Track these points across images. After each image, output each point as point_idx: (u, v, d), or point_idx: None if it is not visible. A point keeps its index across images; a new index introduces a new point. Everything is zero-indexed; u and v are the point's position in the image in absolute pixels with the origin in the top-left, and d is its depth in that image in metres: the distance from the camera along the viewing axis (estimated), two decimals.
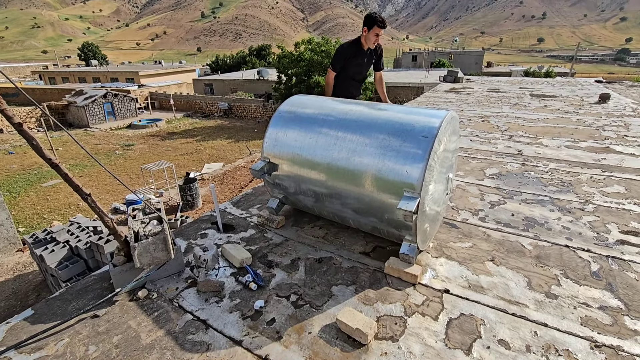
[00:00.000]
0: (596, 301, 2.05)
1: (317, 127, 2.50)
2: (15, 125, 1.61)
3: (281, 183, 2.73)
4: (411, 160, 2.04)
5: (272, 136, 2.66)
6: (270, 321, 1.94)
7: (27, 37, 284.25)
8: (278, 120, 2.70)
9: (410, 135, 2.12)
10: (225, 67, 45.30)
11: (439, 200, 2.43)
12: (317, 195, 2.56)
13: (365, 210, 2.34)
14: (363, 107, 2.55)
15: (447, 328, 1.87)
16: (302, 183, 2.59)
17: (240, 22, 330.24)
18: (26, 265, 7.65)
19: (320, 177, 2.44)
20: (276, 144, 2.63)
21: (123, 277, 2.16)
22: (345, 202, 2.42)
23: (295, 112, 2.69)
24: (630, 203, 3.29)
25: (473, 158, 4.67)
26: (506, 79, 16.48)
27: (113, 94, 24.74)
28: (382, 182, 2.16)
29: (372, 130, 2.27)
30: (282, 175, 2.68)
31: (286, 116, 2.70)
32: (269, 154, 2.68)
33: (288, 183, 2.68)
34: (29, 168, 14.97)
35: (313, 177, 2.49)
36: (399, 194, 2.08)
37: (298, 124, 2.60)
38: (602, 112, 7.54)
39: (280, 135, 2.63)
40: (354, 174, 2.26)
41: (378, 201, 2.22)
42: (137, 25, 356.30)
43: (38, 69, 55.89)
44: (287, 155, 2.58)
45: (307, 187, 2.58)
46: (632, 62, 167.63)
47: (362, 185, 2.24)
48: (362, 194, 2.27)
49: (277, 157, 2.65)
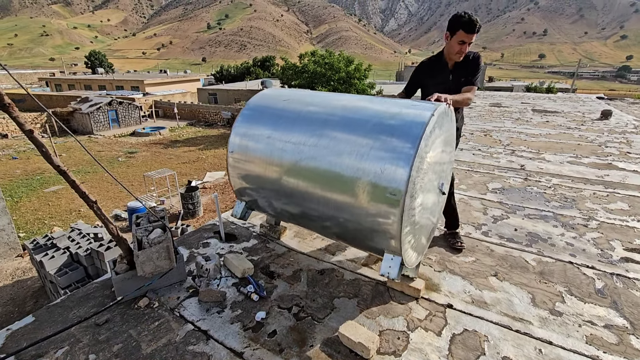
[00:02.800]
0: (601, 319, 2.03)
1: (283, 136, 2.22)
2: (27, 132, 1.64)
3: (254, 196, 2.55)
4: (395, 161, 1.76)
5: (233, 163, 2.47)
6: (271, 333, 1.92)
7: (35, 45, 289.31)
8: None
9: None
10: (230, 77, 45.85)
11: (427, 209, 2.14)
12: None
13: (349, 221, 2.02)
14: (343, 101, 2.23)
15: (450, 344, 1.84)
16: (279, 199, 2.37)
17: (245, 33, 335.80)
18: (25, 271, 7.62)
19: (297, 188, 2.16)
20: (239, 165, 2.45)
21: (125, 285, 2.16)
22: (335, 222, 2.10)
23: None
24: (634, 220, 3.28)
25: (476, 172, 4.67)
26: (508, 93, 16.61)
27: (118, 101, 25.00)
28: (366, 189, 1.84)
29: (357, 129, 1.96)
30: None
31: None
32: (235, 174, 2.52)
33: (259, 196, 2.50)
34: (32, 173, 15.05)
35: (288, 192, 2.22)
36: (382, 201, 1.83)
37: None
38: (604, 129, 7.57)
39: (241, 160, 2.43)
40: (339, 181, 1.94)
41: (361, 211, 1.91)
42: (143, 35, 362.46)
43: (45, 75, 56.66)
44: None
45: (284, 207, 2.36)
46: (633, 79, 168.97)
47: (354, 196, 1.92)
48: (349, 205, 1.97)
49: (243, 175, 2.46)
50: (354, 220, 1.95)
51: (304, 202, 2.16)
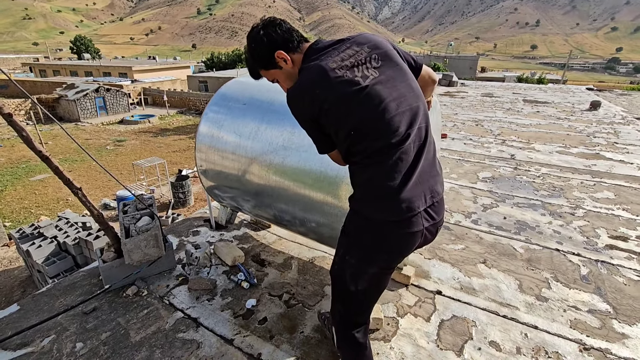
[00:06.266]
0: (585, 304, 2.08)
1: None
2: (5, 116, 1.57)
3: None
4: None
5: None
6: (262, 320, 1.92)
7: (17, 29, 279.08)
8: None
9: None
10: (221, 64, 44.97)
11: None
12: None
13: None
14: None
15: (439, 329, 1.87)
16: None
17: (236, 19, 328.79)
18: (12, 260, 7.49)
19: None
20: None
21: (113, 274, 2.13)
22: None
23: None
24: (619, 209, 3.34)
25: (466, 161, 4.70)
26: (500, 84, 16.67)
27: (105, 88, 24.39)
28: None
29: None
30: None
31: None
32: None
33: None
34: (16, 162, 14.69)
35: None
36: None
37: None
38: (592, 119, 7.67)
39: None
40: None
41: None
42: (131, 20, 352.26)
43: (28, 61, 54.82)
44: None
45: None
46: (621, 71, 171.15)
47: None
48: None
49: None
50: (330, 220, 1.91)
51: (274, 203, 2.14)
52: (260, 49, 1.20)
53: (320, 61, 1.12)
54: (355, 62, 1.12)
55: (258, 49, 1.20)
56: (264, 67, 1.24)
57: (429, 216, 1.18)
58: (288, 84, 1.25)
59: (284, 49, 1.19)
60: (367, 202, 1.17)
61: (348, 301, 1.31)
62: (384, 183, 1.10)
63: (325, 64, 1.11)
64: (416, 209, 1.13)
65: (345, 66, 1.11)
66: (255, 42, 1.20)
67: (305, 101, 1.14)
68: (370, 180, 1.14)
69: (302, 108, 1.16)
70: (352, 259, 1.22)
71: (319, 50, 1.18)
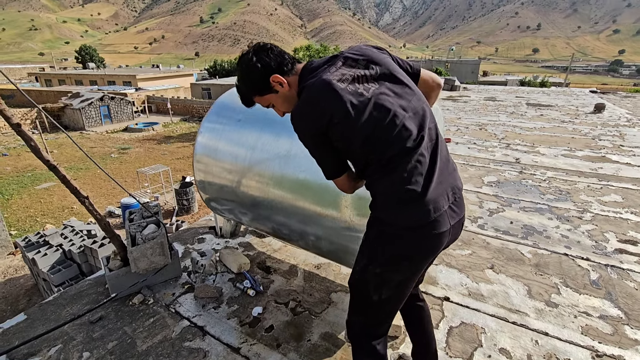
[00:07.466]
0: (596, 310, 2.04)
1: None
2: (14, 126, 1.59)
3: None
4: None
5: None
6: (268, 328, 1.91)
7: (24, 39, 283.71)
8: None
9: None
10: (223, 72, 45.35)
11: None
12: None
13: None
14: None
15: (447, 336, 1.85)
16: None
17: (238, 27, 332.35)
18: (17, 269, 7.52)
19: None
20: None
21: (119, 282, 2.12)
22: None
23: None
24: (627, 212, 3.30)
25: (471, 165, 4.68)
26: (502, 87, 16.67)
27: (110, 97, 24.65)
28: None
29: None
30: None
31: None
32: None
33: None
34: (22, 170, 14.82)
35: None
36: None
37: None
38: (597, 122, 7.62)
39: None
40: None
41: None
42: (135, 29, 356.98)
43: (34, 70, 55.61)
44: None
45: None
46: (625, 73, 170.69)
47: None
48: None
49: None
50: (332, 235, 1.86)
51: (273, 215, 2.10)
52: (254, 75, 1.18)
53: (321, 77, 1.12)
54: (355, 75, 1.12)
55: (252, 75, 1.19)
56: (259, 93, 1.23)
57: (453, 212, 1.17)
58: (286, 107, 1.24)
59: (279, 72, 1.18)
60: (390, 208, 1.15)
61: (370, 312, 1.28)
62: (407, 187, 1.10)
63: (328, 78, 1.10)
64: (442, 208, 1.12)
65: (347, 79, 1.11)
66: (248, 69, 1.19)
67: (314, 116, 1.12)
68: (392, 186, 1.12)
69: (311, 123, 1.14)
70: (377, 269, 1.20)
71: (315, 69, 1.18)
